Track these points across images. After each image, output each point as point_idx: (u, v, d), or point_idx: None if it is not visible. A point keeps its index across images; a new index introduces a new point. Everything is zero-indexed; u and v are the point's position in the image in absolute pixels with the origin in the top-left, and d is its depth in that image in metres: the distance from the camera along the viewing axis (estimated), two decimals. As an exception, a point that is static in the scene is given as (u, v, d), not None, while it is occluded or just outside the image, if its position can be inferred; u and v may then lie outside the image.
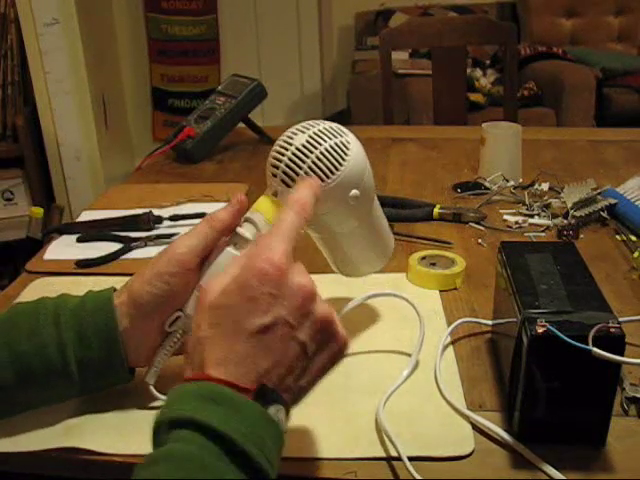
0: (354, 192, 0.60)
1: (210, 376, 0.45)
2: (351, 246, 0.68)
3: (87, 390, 0.59)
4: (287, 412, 0.47)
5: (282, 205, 0.59)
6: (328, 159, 0.59)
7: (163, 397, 0.61)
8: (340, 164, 0.59)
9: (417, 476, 0.52)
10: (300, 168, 0.58)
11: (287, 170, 0.59)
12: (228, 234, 0.58)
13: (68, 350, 0.56)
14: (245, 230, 0.58)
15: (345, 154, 0.60)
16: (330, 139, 0.59)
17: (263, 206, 0.60)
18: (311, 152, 0.58)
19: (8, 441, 0.57)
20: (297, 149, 0.59)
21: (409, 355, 0.68)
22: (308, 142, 0.59)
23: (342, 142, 0.60)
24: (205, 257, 0.58)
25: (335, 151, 0.59)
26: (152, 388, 0.61)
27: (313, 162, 0.58)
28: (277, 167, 0.59)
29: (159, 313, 0.58)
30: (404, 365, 0.67)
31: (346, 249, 0.68)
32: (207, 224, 0.58)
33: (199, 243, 0.57)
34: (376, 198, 0.67)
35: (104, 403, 0.61)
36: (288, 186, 0.59)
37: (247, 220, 0.58)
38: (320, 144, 0.59)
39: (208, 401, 0.43)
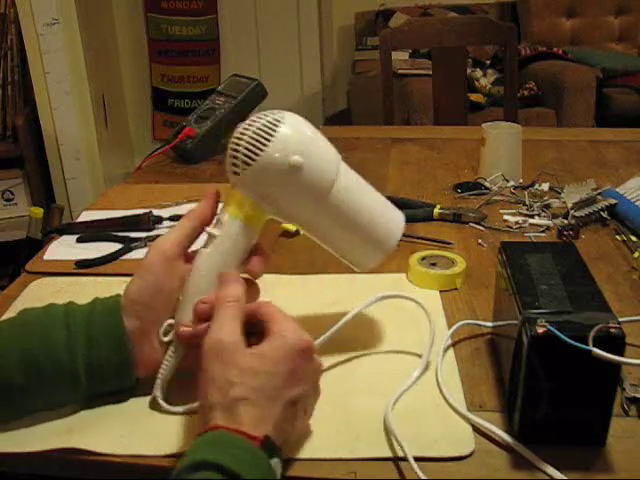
0: (295, 158, 0.59)
1: (225, 427, 0.49)
2: (333, 237, 0.67)
3: (92, 393, 0.59)
4: (282, 463, 0.50)
5: (243, 196, 0.61)
6: (259, 134, 0.59)
7: (171, 408, 0.60)
8: (275, 132, 0.59)
9: (422, 476, 0.52)
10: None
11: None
12: (207, 223, 0.63)
13: (77, 350, 0.57)
14: (214, 229, 0.62)
15: (280, 124, 0.60)
16: (261, 118, 0.61)
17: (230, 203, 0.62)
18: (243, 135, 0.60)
19: (7, 441, 0.57)
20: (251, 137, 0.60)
21: (413, 355, 0.68)
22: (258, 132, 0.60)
23: (275, 119, 0.60)
24: (187, 247, 0.62)
25: (266, 127, 0.60)
26: (160, 400, 0.60)
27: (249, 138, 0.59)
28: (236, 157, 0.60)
29: (154, 309, 0.60)
30: (408, 366, 0.66)
31: (331, 240, 0.68)
32: (185, 217, 0.63)
33: (179, 234, 0.62)
34: (351, 186, 0.66)
35: (104, 404, 0.61)
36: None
37: (217, 220, 0.62)
38: (249, 128, 0.60)
39: (224, 445, 0.48)
